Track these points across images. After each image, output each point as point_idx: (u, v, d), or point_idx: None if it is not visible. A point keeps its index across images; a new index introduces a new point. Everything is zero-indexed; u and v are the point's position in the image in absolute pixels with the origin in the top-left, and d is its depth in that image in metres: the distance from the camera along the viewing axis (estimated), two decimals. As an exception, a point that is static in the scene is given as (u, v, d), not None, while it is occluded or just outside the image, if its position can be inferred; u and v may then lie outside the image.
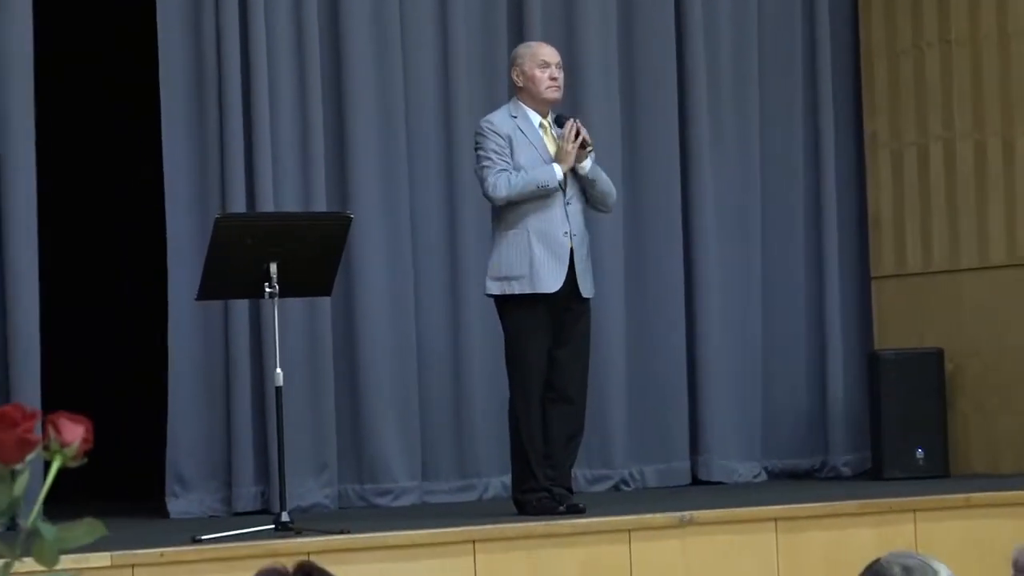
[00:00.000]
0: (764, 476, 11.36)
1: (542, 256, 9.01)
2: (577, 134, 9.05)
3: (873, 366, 11.26)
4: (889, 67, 11.61)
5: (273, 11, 10.47)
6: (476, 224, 10.85)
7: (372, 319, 10.54)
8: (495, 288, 9.40)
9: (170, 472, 10.07)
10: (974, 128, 11.19)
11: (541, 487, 9.14)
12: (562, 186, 9.07)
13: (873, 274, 11.71)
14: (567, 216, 9.08)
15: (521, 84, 9.41)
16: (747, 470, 11.33)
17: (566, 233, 9.05)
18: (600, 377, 10.95)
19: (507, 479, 10.71)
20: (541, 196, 9.02)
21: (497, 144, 9.14)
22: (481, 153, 9.24)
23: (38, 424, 4.13)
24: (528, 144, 9.12)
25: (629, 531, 8.73)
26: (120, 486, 9.78)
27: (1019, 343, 10.95)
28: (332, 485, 10.37)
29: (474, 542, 8.38)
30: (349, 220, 9.59)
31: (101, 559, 7.04)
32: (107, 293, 10.77)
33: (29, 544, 4.09)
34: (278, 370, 8.95)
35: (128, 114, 10.79)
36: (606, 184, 9.33)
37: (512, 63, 9.44)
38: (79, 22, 10.83)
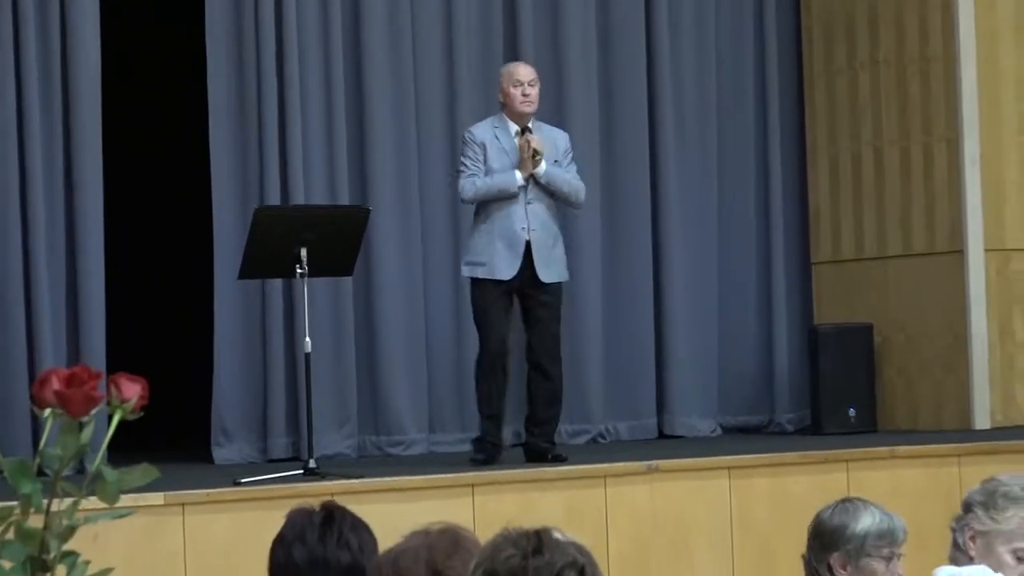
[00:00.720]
0: (719, 431, 11.35)
1: (501, 248, 9.07)
2: (530, 146, 9.05)
3: (812, 338, 11.28)
4: (827, 85, 11.60)
5: (304, 41, 10.49)
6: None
7: (387, 296, 10.57)
8: (466, 271, 9.52)
9: (215, 425, 10.15)
10: (899, 136, 11.19)
11: (486, 440, 9.32)
12: (524, 189, 9.11)
13: (813, 260, 11.72)
14: (526, 214, 9.11)
15: (501, 100, 9.44)
16: (705, 426, 11.33)
17: (523, 228, 9.08)
18: (581, 346, 11.02)
19: (507, 431, 10.76)
20: (504, 197, 9.09)
21: (473, 152, 9.26)
22: (461, 158, 9.40)
23: (102, 383, 4.16)
24: (502, 150, 9.18)
25: (604, 477, 8.75)
26: (172, 437, 9.80)
27: (936, 320, 10.98)
28: (352, 437, 10.41)
29: (473, 486, 8.41)
30: (367, 212, 9.66)
31: (156, 498, 7.07)
32: (163, 273, 10.80)
33: (94, 485, 4.12)
34: (307, 339, 8.99)
35: (181, 122, 10.77)
36: (566, 185, 9.28)
37: (498, 81, 9.44)
38: (139, 41, 10.81)
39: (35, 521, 4.00)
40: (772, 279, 11.65)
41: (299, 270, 8.80)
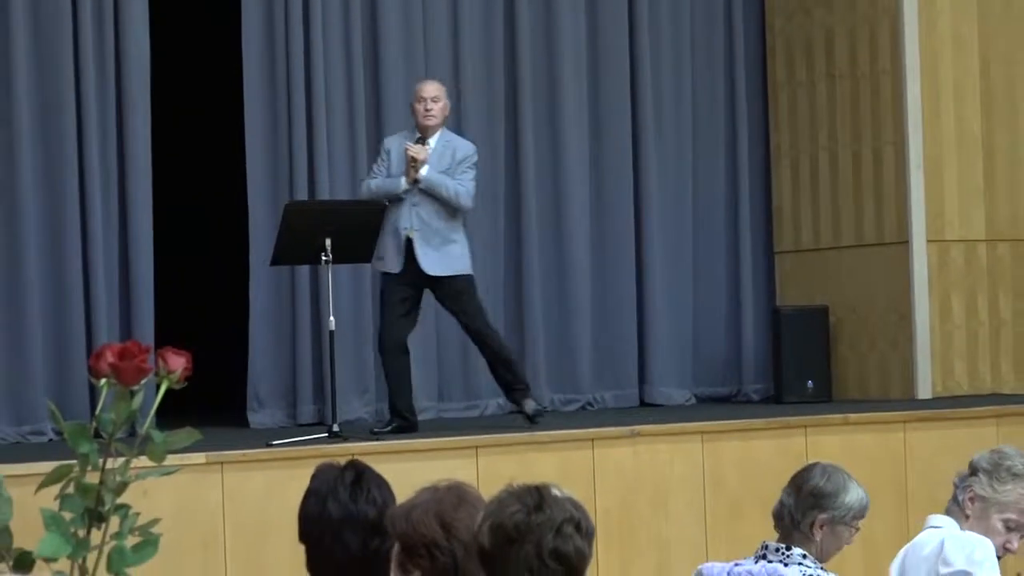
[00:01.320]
0: (693, 400, 11.31)
1: (390, 244, 9.02)
2: (412, 159, 8.95)
3: (775, 319, 11.25)
4: (789, 96, 11.57)
5: (329, 59, 10.46)
6: (480, 208, 10.82)
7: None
8: (374, 264, 9.45)
9: (250, 393, 10.14)
10: (852, 141, 11.17)
11: (395, 412, 9.18)
12: (409, 192, 9.03)
13: (776, 249, 11.68)
14: (410, 215, 9.01)
15: (412, 113, 9.36)
16: (680, 396, 11.29)
17: (406, 228, 8.99)
18: (571, 325, 11.04)
19: (502, 400, 10.76)
20: (394, 199, 9.03)
21: (380, 158, 9.28)
22: (375, 162, 9.39)
23: (151, 356, 4.17)
24: (402, 157, 9.08)
25: (592, 440, 8.74)
26: (212, 404, 9.78)
27: (884, 302, 10.97)
28: (371, 404, 10.38)
29: (476, 448, 8.40)
30: (384, 207, 9.61)
31: (198, 458, 7.06)
32: (204, 259, 10.78)
33: (144, 446, 4.12)
34: (331, 318, 8.99)
35: (219, 127, 10.75)
36: (444, 190, 9.06)
37: None
38: (184, 53, 10.78)
39: (92, 478, 4.01)
40: (740, 266, 11.61)
41: (324, 258, 8.81)
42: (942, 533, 5.26)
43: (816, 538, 5.42)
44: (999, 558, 5.23)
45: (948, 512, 5.36)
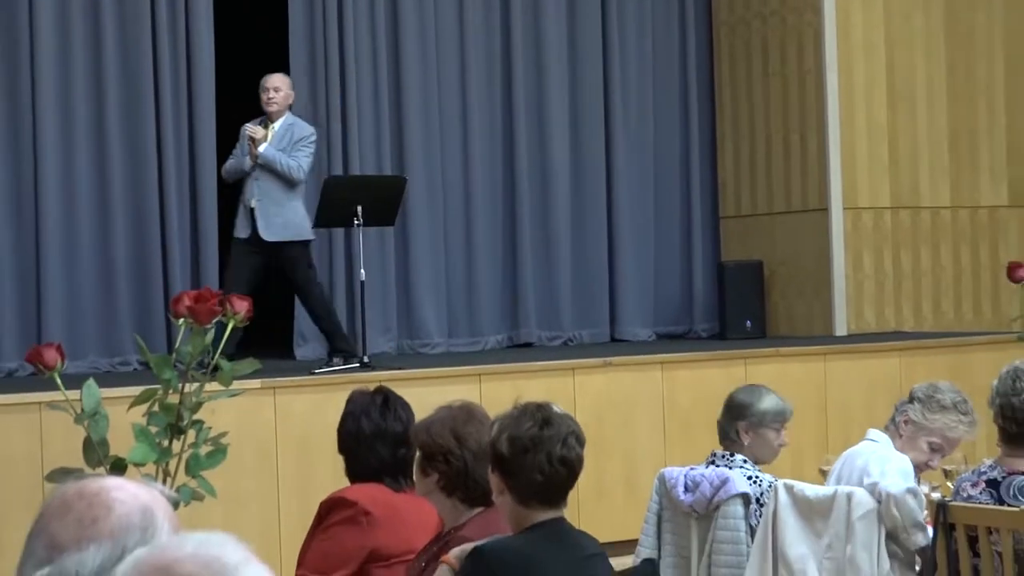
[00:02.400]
0: (654, 337, 11.28)
1: (240, 214, 8.79)
2: (250, 139, 8.67)
3: (720, 271, 11.23)
4: (732, 91, 11.54)
5: (360, 66, 10.43)
6: (482, 183, 10.88)
7: (417, 239, 10.50)
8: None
9: (296, 331, 10.12)
10: (783, 128, 11.16)
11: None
12: (254, 168, 8.74)
13: (720, 215, 11.66)
14: (253, 188, 8.74)
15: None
16: (644, 333, 11.27)
17: (251, 198, 8.73)
18: (556, 275, 11.01)
19: (500, 336, 10.81)
20: (243, 175, 8.80)
21: (240, 140, 8.90)
22: (236, 145, 9.02)
23: (220, 301, 4.18)
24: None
25: (573, 369, 8.75)
26: (266, 339, 9.75)
27: (808, 258, 10.97)
28: (393, 340, 10.37)
29: (479, 376, 8.42)
30: (405, 180, 9.63)
31: (255, 384, 7.03)
32: None
33: (214, 374, 4.12)
34: (362, 271, 8.94)
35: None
36: (278, 165, 8.71)
37: None
38: (239, 46, 10.71)
39: (172, 399, 4.03)
40: (691, 228, 11.56)
41: (356, 221, 8.79)
42: (876, 447, 5.26)
43: (745, 443, 5.46)
44: (921, 471, 5.26)
45: (886, 429, 5.37)
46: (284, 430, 7.69)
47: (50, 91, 9.49)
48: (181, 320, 3.99)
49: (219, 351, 3.97)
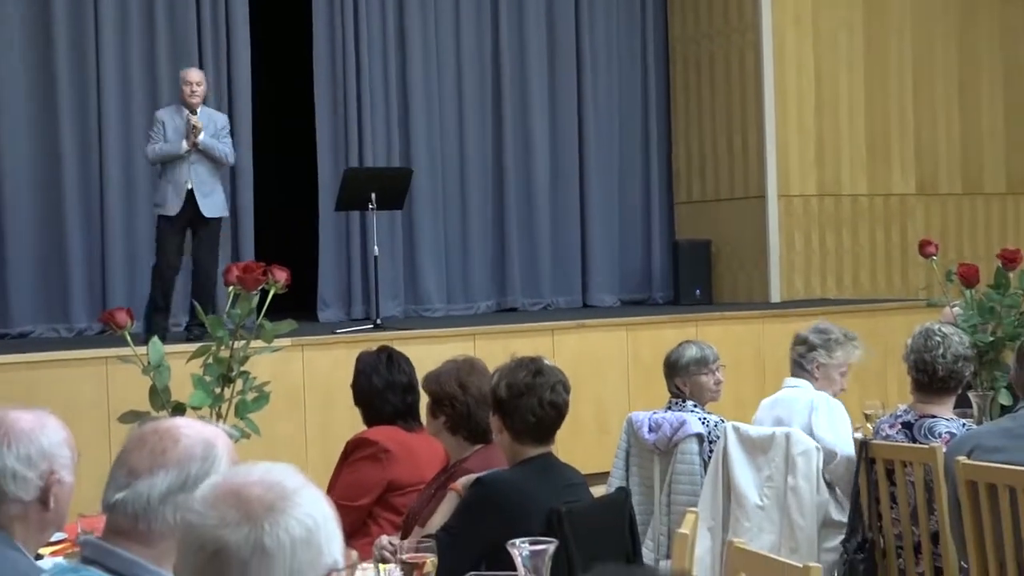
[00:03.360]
0: (619, 303, 11.32)
1: (170, 193, 8.27)
2: (191, 125, 8.19)
3: (675, 248, 11.22)
4: (684, 97, 11.51)
5: (372, 75, 10.42)
6: (475, 175, 10.87)
7: (421, 221, 10.50)
8: (155, 211, 8.55)
9: (320, 297, 10.12)
10: (726, 129, 11.15)
11: (155, 322, 8.35)
12: (189, 153, 8.21)
13: (675, 201, 11.66)
14: (190, 171, 8.24)
15: (181, 93, 8.42)
16: (610, 300, 11.28)
17: (186, 181, 8.23)
18: (537, 250, 11.02)
19: (491, 302, 10.83)
20: (174, 159, 8.23)
21: (156, 127, 8.32)
22: (149, 131, 8.46)
23: (263, 271, 4.17)
24: (176, 128, 8.24)
25: (552, 330, 8.77)
26: (294, 303, 9.77)
27: (748, 238, 11.00)
28: (401, 306, 10.36)
29: (474, 336, 8.44)
30: (411, 171, 9.65)
31: (287, 342, 7.00)
32: (288, 206, 10.64)
33: (258, 331, 4.11)
34: (375, 247, 8.96)
35: (297, 113, 10.63)
36: (216, 152, 8.33)
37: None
38: (273, 54, 10.68)
39: (224, 353, 4.02)
40: (651, 212, 11.56)
41: (370, 206, 8.80)
42: (806, 392, 5.26)
43: (687, 392, 5.50)
44: (836, 396, 5.28)
45: (798, 375, 5.38)
46: (311, 381, 7.71)
47: (113, 89, 9.49)
48: (231, 287, 3.98)
49: (263, 313, 3.96)
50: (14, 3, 9.23)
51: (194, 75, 8.43)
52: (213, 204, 8.41)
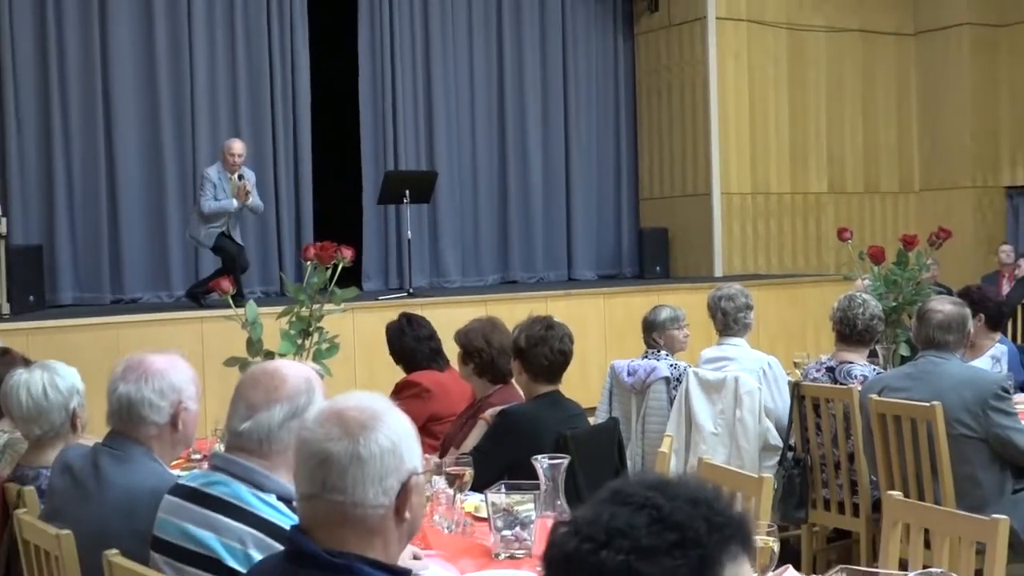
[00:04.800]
0: (596, 277, 11.26)
1: (207, 234, 7.93)
2: (244, 191, 7.90)
3: (640, 234, 11.19)
4: (648, 119, 11.45)
5: (403, 91, 10.38)
6: (484, 177, 10.84)
7: (443, 212, 10.45)
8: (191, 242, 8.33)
9: (364, 271, 10.03)
10: (680, 143, 11.13)
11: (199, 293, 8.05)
12: (238, 209, 7.94)
13: (641, 197, 11.64)
14: (231, 221, 7.97)
15: (223, 159, 8.03)
16: (590, 274, 11.22)
17: (230, 229, 7.99)
18: (530, 235, 10.96)
19: (496, 276, 10.82)
20: (225, 214, 7.90)
21: (209, 185, 7.88)
22: (200, 189, 8.00)
23: (335, 249, 4.16)
24: (222, 188, 7.86)
25: (546, 298, 8.76)
26: (344, 277, 9.76)
27: (697, 227, 10.96)
28: (427, 278, 10.29)
29: (485, 302, 8.42)
30: (436, 174, 9.59)
31: (339, 309, 6.98)
32: (340, 198, 10.51)
33: (330, 296, 4.10)
34: (408, 232, 8.95)
35: (346, 123, 10.55)
36: (258, 210, 8.22)
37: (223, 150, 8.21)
38: (326, 68, 10.62)
39: (304, 313, 4.02)
40: (621, 205, 11.51)
41: (405, 200, 8.77)
42: (743, 349, 5.25)
43: (661, 343, 5.48)
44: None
45: (734, 334, 5.35)
46: (359, 337, 7.69)
47: (203, 105, 9.44)
48: (309, 262, 3.99)
49: (334, 281, 3.97)
50: (128, 33, 9.20)
51: (237, 147, 8.10)
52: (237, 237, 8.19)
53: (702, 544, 1.16)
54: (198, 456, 3.59)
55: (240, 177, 7.98)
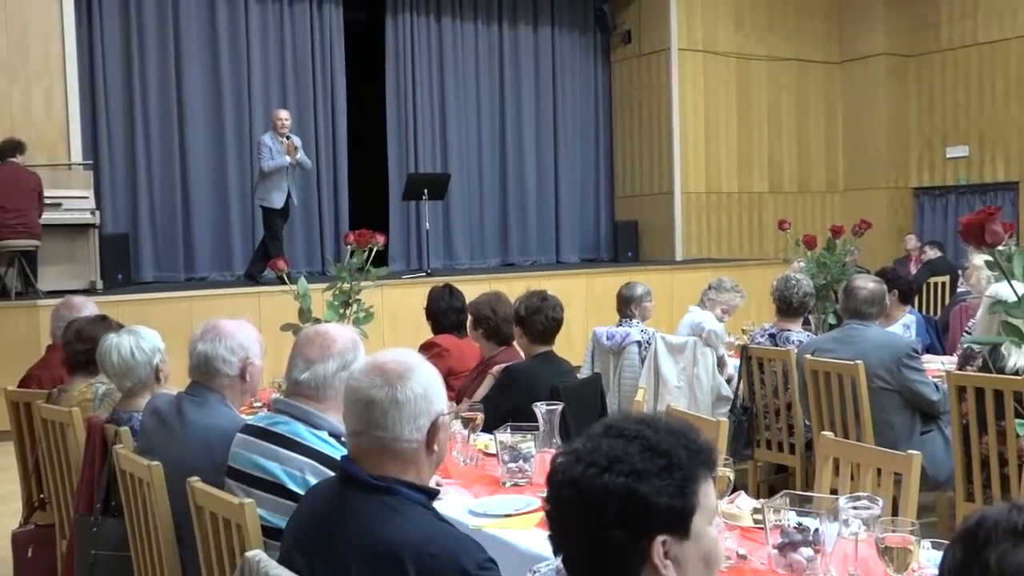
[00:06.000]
0: (579, 260, 11.21)
1: (275, 192, 7.92)
2: (294, 147, 7.87)
3: (615, 226, 11.17)
4: (622, 129, 11.43)
5: (423, 104, 10.31)
6: (488, 177, 10.78)
7: (454, 206, 10.41)
8: (261, 203, 8.05)
9: (390, 254, 9.87)
10: (650, 147, 11.10)
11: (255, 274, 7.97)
12: (290, 167, 7.89)
13: (616, 195, 11.59)
14: (290, 176, 7.93)
15: (273, 124, 8.02)
16: (574, 258, 11.16)
17: (287, 183, 7.93)
18: (526, 225, 10.92)
19: (497, 259, 10.76)
20: (279, 170, 7.85)
21: (265, 148, 7.86)
22: (260, 150, 7.93)
23: (371, 235, 4.13)
24: (277, 149, 7.84)
25: (539, 277, 8.71)
26: (374, 260, 9.73)
27: (661, 220, 10.92)
28: (442, 260, 10.27)
29: (489, 281, 8.34)
30: (449, 176, 9.56)
31: (372, 284, 6.98)
32: (370, 195, 10.45)
33: (364, 274, 4.08)
34: (427, 224, 8.95)
35: (374, 130, 10.46)
36: (306, 164, 8.09)
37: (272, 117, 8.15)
38: (360, 98, 10.56)
39: (345, 287, 4.00)
40: (600, 201, 11.48)
41: (424, 197, 8.76)
42: (706, 316, 5.27)
43: (636, 314, 5.45)
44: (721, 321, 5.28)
45: (701, 305, 5.38)
46: (387, 308, 7.69)
47: (259, 113, 9.35)
48: (349, 245, 3.97)
49: (368, 261, 3.95)
50: (199, 58, 9.15)
51: (283, 113, 8.09)
52: (295, 198, 8.18)
53: (683, 467, 1.20)
54: (259, 404, 3.59)
55: (287, 137, 7.90)
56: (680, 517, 1.18)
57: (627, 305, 5.56)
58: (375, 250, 4.07)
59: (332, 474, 1.88)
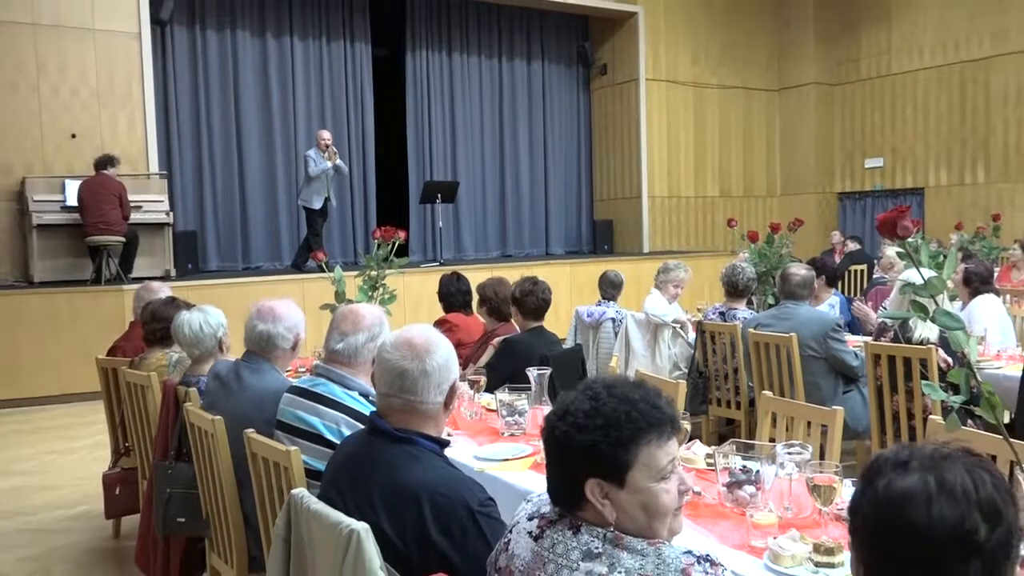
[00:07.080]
0: (565, 252, 11.12)
1: (315, 195, 7.75)
2: (335, 156, 7.73)
3: (594, 224, 11.09)
4: (599, 141, 11.38)
5: (435, 116, 10.24)
6: (490, 184, 10.72)
7: (463, 208, 10.36)
8: (303, 204, 7.88)
9: (410, 247, 9.84)
10: (619, 158, 11.04)
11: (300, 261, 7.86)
12: (331, 171, 7.75)
13: (595, 199, 11.52)
14: (330, 181, 7.77)
15: (318, 142, 7.82)
16: (560, 251, 11.08)
17: (327, 188, 7.76)
18: (521, 223, 10.84)
19: (497, 252, 10.73)
20: (321, 175, 7.71)
21: (313, 160, 7.69)
22: (308, 161, 7.73)
23: (395, 231, 4.08)
24: (320, 159, 7.70)
25: (531, 266, 8.65)
26: (396, 252, 9.66)
27: (631, 220, 10.87)
28: (452, 253, 10.21)
29: (491, 268, 8.29)
30: (458, 183, 9.48)
31: (396, 272, 6.93)
32: (392, 198, 10.38)
33: (390, 264, 4.04)
34: (440, 222, 8.88)
35: (398, 143, 10.39)
36: (344, 170, 7.86)
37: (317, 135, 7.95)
38: (385, 121, 10.48)
39: (373, 274, 3.97)
40: (582, 203, 11.40)
41: (438, 200, 8.71)
42: (657, 305, 5.22)
43: (616, 295, 5.42)
44: (673, 300, 5.22)
45: (657, 288, 5.32)
46: (407, 292, 7.66)
47: (302, 127, 9.27)
48: (377, 240, 3.93)
49: (392, 252, 3.92)
50: (253, 86, 9.06)
51: (325, 133, 7.98)
52: (333, 200, 8.06)
53: (619, 429, 1.21)
54: (303, 369, 3.58)
55: (327, 147, 7.82)
56: (612, 468, 1.20)
57: (612, 289, 5.54)
58: (397, 244, 4.05)
59: (362, 427, 1.88)
